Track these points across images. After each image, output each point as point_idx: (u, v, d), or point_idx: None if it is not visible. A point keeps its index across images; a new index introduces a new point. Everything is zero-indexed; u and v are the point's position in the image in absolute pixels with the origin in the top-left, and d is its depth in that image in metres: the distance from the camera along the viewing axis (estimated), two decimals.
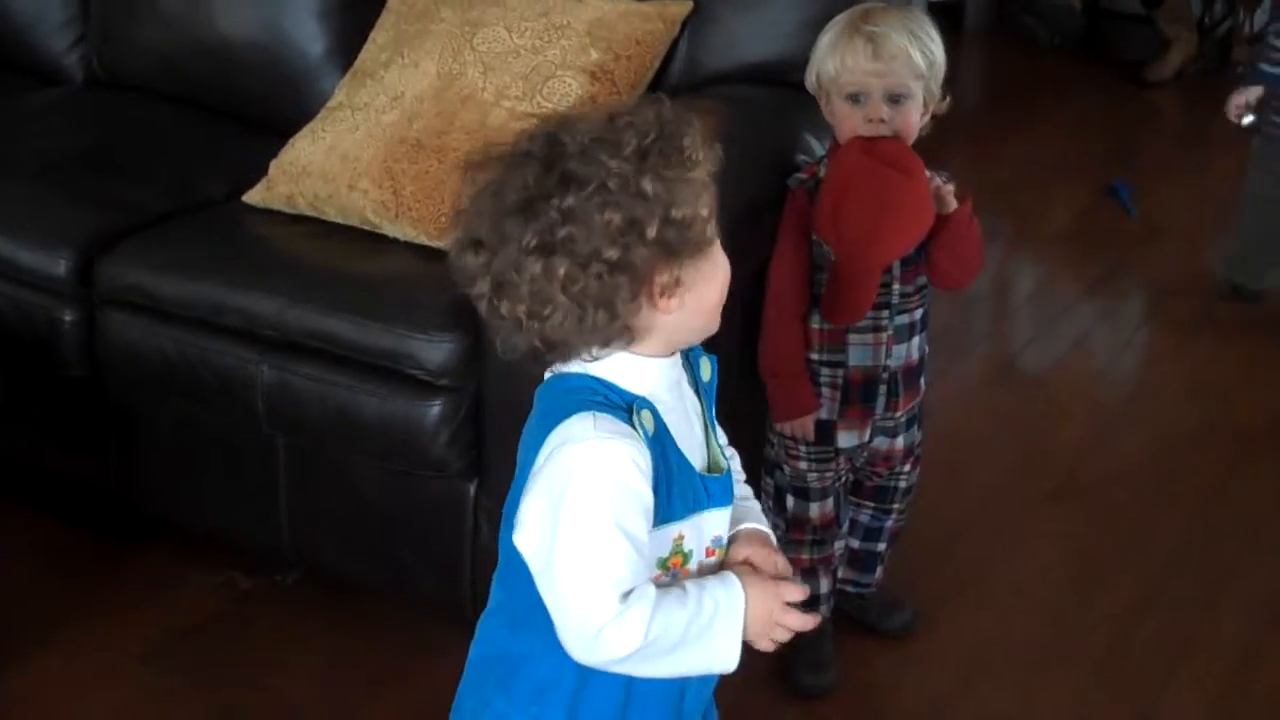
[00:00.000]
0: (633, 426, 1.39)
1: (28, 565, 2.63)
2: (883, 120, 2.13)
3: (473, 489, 2.31)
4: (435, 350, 2.22)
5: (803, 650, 2.34)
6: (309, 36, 2.91)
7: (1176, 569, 2.77)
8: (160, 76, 3.04)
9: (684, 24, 2.61)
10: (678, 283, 1.39)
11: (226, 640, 2.50)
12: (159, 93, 3.02)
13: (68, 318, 2.50)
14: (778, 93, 2.55)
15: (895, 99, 2.13)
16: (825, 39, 2.17)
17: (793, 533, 2.35)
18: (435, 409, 2.24)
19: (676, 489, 1.45)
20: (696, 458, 1.48)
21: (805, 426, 2.28)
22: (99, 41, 3.13)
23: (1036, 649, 2.56)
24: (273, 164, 2.62)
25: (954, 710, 2.43)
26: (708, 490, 1.48)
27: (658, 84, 2.61)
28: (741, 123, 2.49)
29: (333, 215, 2.54)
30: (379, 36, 2.71)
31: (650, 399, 1.43)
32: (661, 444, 1.43)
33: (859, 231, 2.11)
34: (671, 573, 1.47)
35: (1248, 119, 3.68)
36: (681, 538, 1.47)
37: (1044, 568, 2.77)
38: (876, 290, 2.18)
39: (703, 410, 1.51)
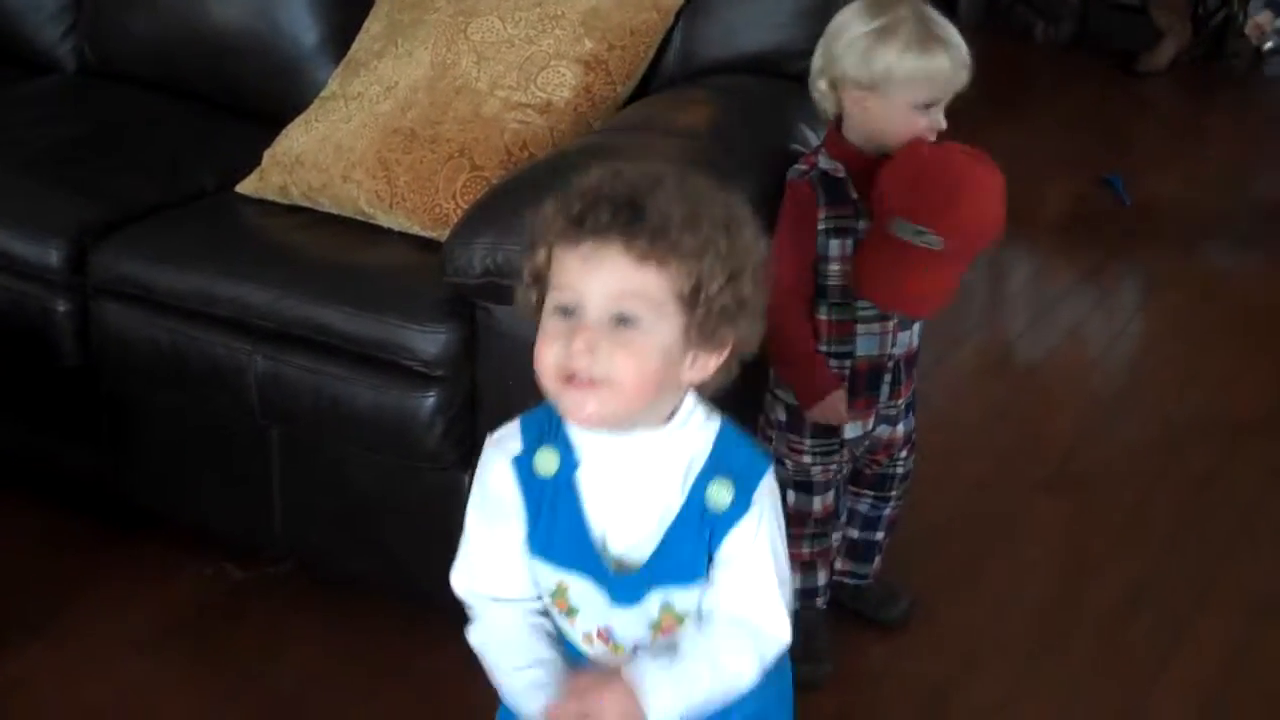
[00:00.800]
0: (532, 458, 1.48)
1: (20, 555, 2.62)
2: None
3: (467, 480, 2.30)
4: (430, 341, 2.22)
5: (799, 641, 2.34)
6: (302, 26, 2.90)
7: (1170, 559, 2.78)
8: (153, 66, 3.03)
9: (678, 14, 2.61)
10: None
11: (219, 631, 2.49)
12: (152, 82, 3.01)
13: (61, 308, 2.49)
14: (773, 83, 2.55)
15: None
16: (897, 43, 2.11)
17: (793, 527, 2.33)
18: (429, 400, 2.24)
19: (559, 536, 1.48)
20: (622, 534, 1.48)
21: (836, 407, 2.26)
22: (92, 31, 3.12)
23: (1030, 639, 2.56)
24: (266, 154, 2.61)
25: (948, 700, 2.43)
26: (599, 575, 1.48)
27: (652, 74, 2.61)
28: (737, 114, 2.49)
29: (326, 205, 2.53)
30: (373, 26, 2.71)
31: (576, 452, 1.47)
32: (559, 493, 1.47)
33: (955, 226, 2.10)
34: (560, 613, 1.53)
35: (1269, 44, 3.65)
36: (566, 589, 1.51)
37: (1038, 557, 2.78)
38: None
39: (675, 515, 1.47)
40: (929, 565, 2.69)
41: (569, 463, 1.47)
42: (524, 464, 1.48)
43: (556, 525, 1.48)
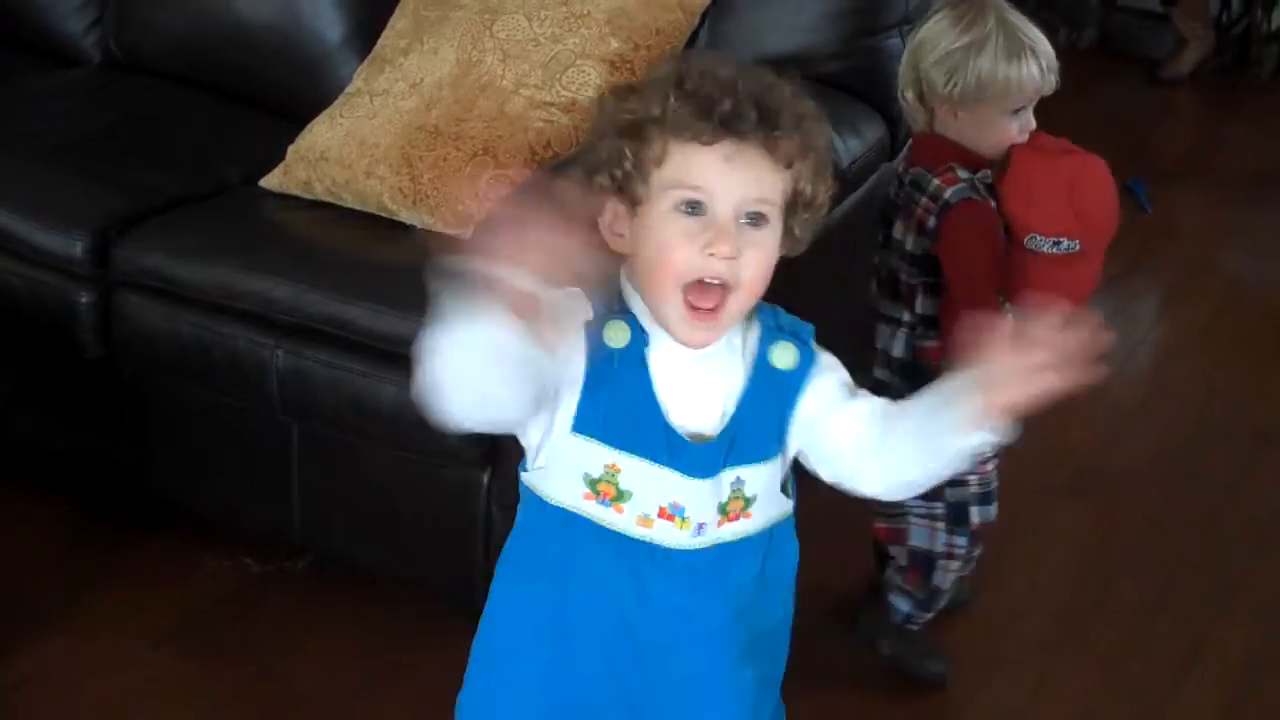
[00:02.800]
0: (601, 329, 1.41)
1: (39, 547, 2.63)
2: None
3: (485, 478, 2.31)
4: None
5: (921, 643, 2.43)
6: (328, 22, 2.90)
7: (1188, 569, 2.77)
8: (178, 59, 3.03)
9: (704, 15, 2.61)
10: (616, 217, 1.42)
11: (237, 625, 2.50)
12: (176, 76, 3.02)
13: (83, 299, 2.50)
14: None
15: None
16: (987, 56, 2.13)
17: (974, 546, 2.38)
18: None
19: (617, 414, 1.42)
20: (689, 417, 1.44)
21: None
22: (117, 24, 3.12)
23: (1050, 644, 2.56)
24: (290, 149, 2.61)
25: (964, 704, 2.43)
26: (671, 447, 1.43)
27: None
28: None
29: (350, 201, 2.53)
30: (398, 23, 2.71)
31: (648, 330, 1.42)
32: (627, 367, 1.42)
33: (1083, 225, 2.15)
34: (602, 501, 1.45)
35: None
36: (618, 470, 1.44)
37: (1056, 565, 2.77)
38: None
39: (744, 388, 1.45)
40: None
41: (640, 340, 1.43)
42: (593, 333, 1.41)
43: (617, 403, 1.42)
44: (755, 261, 1.39)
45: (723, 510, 1.47)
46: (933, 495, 2.29)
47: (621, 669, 1.53)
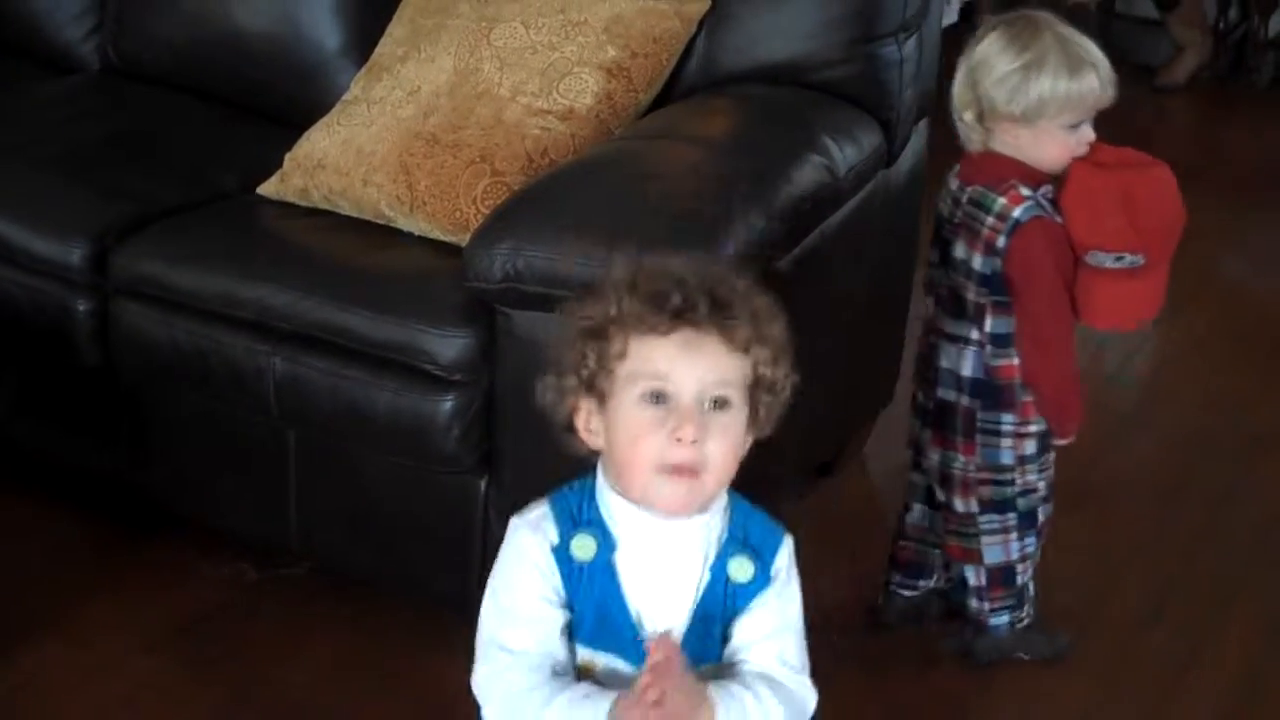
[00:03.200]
0: (568, 545, 1.47)
1: (36, 553, 2.63)
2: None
3: (483, 485, 2.31)
4: (448, 345, 2.22)
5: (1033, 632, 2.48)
6: (325, 30, 2.90)
7: (1188, 573, 2.77)
8: (176, 67, 3.03)
9: (701, 22, 2.61)
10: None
11: (234, 632, 2.50)
12: (174, 83, 3.02)
13: (81, 307, 2.50)
14: (795, 93, 2.54)
15: None
16: (1048, 74, 2.15)
17: (1040, 538, 2.44)
18: (447, 404, 2.24)
19: (590, 620, 1.49)
20: (660, 613, 1.49)
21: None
22: (115, 31, 3.12)
23: (1040, 657, 2.55)
24: (287, 156, 2.61)
25: (964, 713, 2.43)
26: (634, 653, 1.48)
27: (674, 82, 2.61)
28: (759, 123, 2.49)
29: (347, 209, 2.54)
30: (395, 30, 2.71)
31: (613, 536, 1.48)
32: (596, 578, 1.48)
33: (1145, 238, 2.18)
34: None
35: None
36: (593, 668, 1.51)
37: (1054, 572, 2.76)
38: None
39: (701, 592, 1.49)
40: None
41: (607, 546, 1.48)
42: (561, 553, 1.48)
43: (590, 608, 1.49)
44: (722, 444, 1.43)
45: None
46: (1005, 507, 2.35)
47: None
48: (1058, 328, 2.24)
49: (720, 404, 1.43)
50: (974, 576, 2.42)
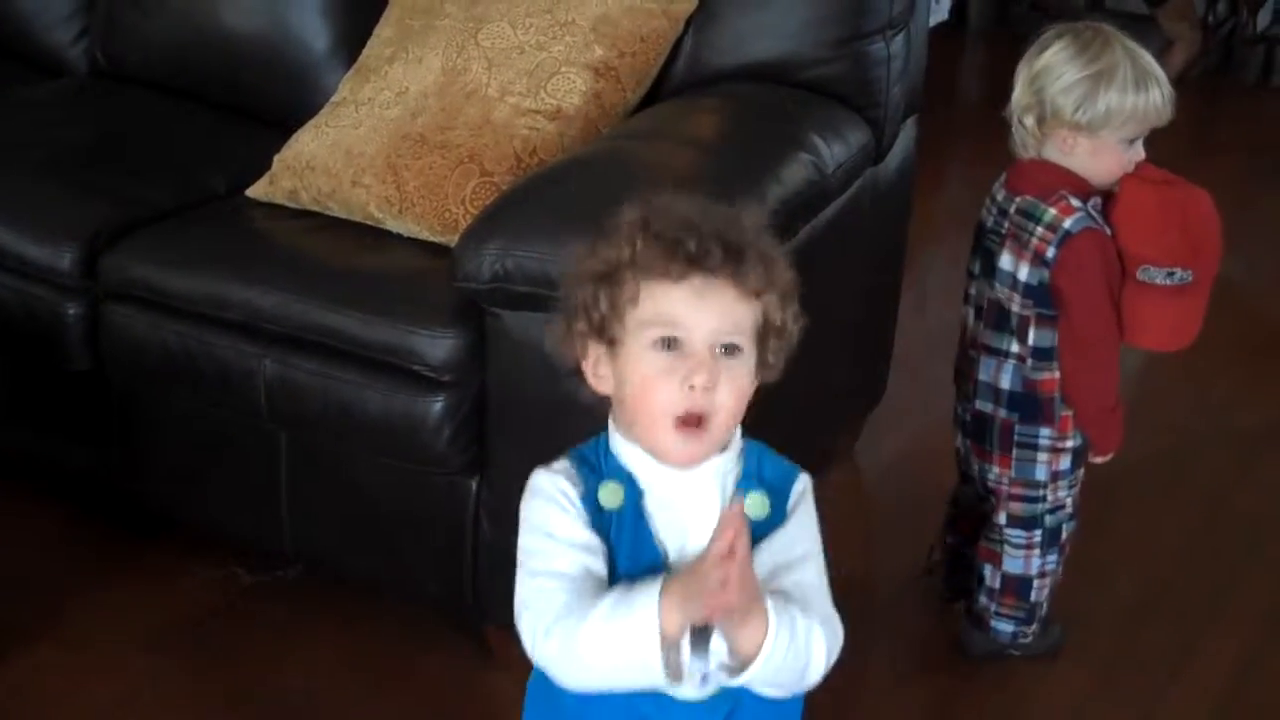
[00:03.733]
0: (598, 495, 1.46)
1: (29, 557, 2.63)
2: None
3: (474, 485, 2.31)
4: (438, 346, 2.22)
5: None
6: (313, 31, 2.90)
7: (1181, 570, 2.77)
8: (164, 70, 3.03)
9: (689, 21, 2.61)
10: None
11: (227, 634, 2.50)
12: (163, 86, 3.02)
13: (71, 311, 2.50)
14: (783, 92, 2.55)
15: None
16: (1116, 86, 2.17)
17: (1062, 555, 2.44)
18: (438, 405, 2.24)
19: (623, 567, 1.46)
20: (686, 558, 1.46)
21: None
22: (103, 34, 3.12)
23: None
24: (276, 158, 2.62)
25: (955, 707, 2.43)
26: None
27: (662, 81, 2.61)
28: (747, 122, 2.49)
29: (336, 210, 2.54)
30: (383, 32, 2.71)
31: (638, 482, 1.46)
32: (626, 526, 1.46)
33: (1196, 255, 2.19)
34: None
35: None
36: None
37: None
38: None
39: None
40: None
41: (634, 492, 1.47)
42: (589, 503, 1.47)
43: (622, 556, 1.46)
44: (732, 390, 1.42)
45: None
46: (1032, 524, 2.37)
47: None
48: (1104, 341, 2.23)
49: (731, 350, 1.42)
50: (990, 577, 2.43)
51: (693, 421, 1.42)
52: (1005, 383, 2.31)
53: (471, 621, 2.43)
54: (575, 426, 1.52)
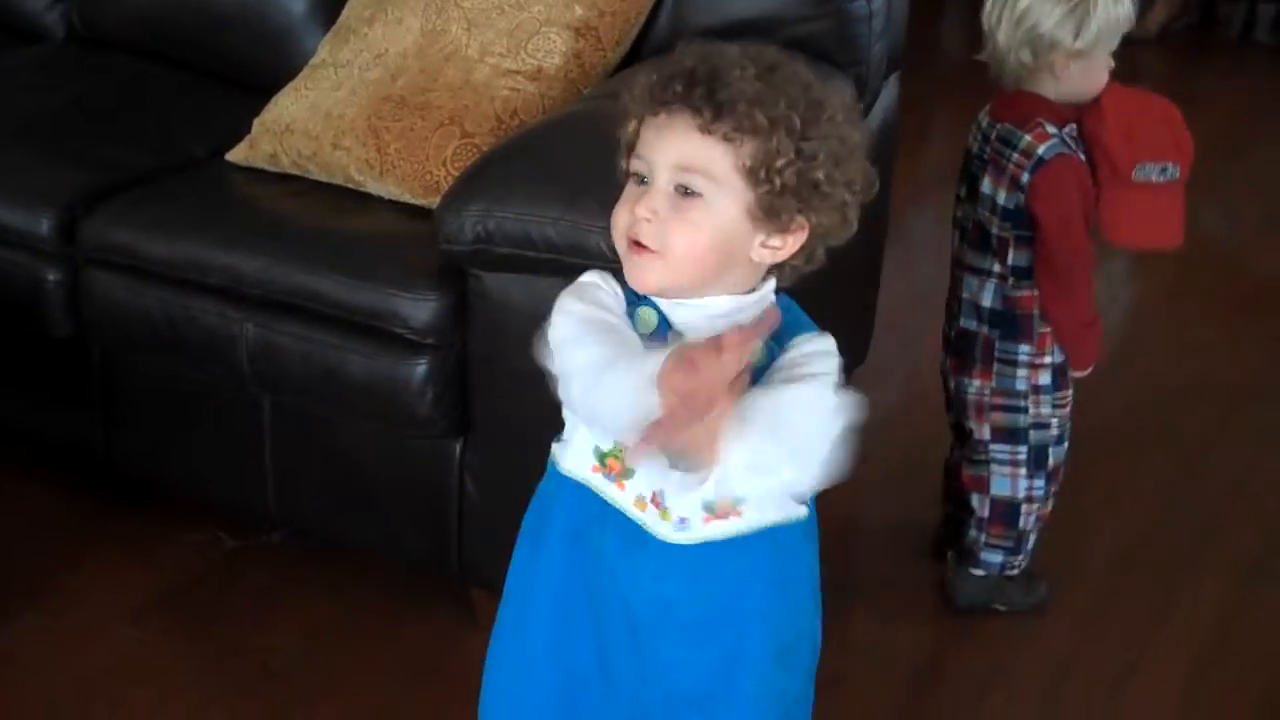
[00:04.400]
0: (634, 315, 1.47)
1: (13, 525, 2.62)
2: None
3: (458, 447, 2.31)
4: (420, 308, 2.22)
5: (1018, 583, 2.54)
6: None
7: (1162, 522, 2.79)
8: (141, 34, 3.01)
9: None
10: None
11: (212, 600, 2.50)
12: (140, 50, 2.99)
13: (51, 277, 2.48)
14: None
15: None
16: (1101, 4, 2.24)
17: (1052, 483, 2.48)
18: (420, 367, 2.23)
19: None
20: None
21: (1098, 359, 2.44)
22: None
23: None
24: (256, 122, 2.60)
25: (941, 660, 2.45)
26: None
27: (642, 40, 2.60)
28: None
29: (316, 173, 2.52)
30: None
31: (666, 314, 1.47)
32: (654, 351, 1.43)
33: (1180, 152, 2.31)
34: (608, 475, 1.51)
35: None
36: (625, 446, 1.47)
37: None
38: None
39: None
40: (924, 529, 2.69)
41: (665, 323, 1.47)
42: (631, 315, 1.48)
43: None
44: (684, 233, 1.42)
45: (709, 508, 1.49)
46: (1017, 438, 2.42)
47: (617, 646, 1.56)
48: (1078, 260, 2.31)
49: (686, 191, 1.42)
50: (979, 506, 2.48)
51: (642, 247, 1.43)
52: (986, 300, 2.38)
53: (456, 583, 2.44)
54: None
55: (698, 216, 1.42)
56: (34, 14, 3.15)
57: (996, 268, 2.36)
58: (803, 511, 1.54)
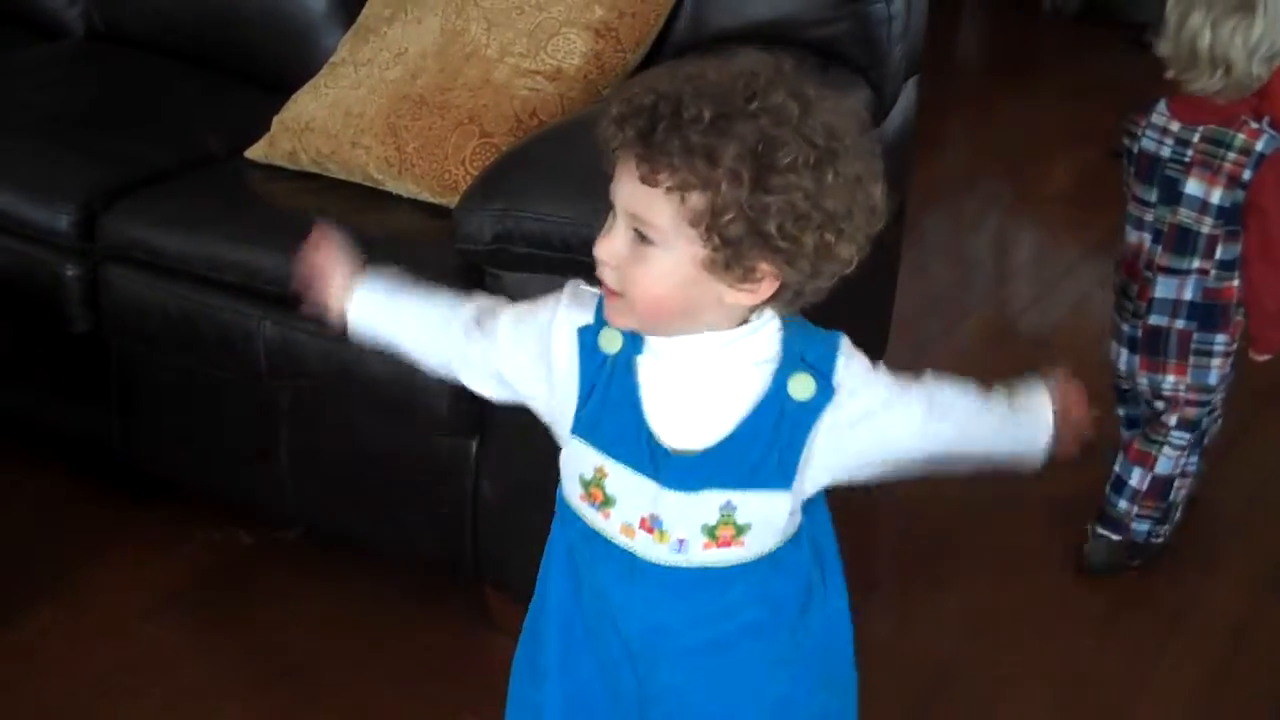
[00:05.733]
0: (598, 333, 1.46)
1: (29, 520, 2.63)
2: None
3: (474, 446, 2.31)
4: None
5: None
6: None
7: (1179, 528, 2.78)
8: (161, 31, 3.02)
9: None
10: None
11: (227, 596, 2.51)
12: (160, 47, 3.01)
13: (70, 273, 2.49)
14: (786, 52, 2.53)
15: None
16: None
17: (1203, 461, 2.66)
18: None
19: (607, 419, 1.45)
20: (678, 429, 1.44)
21: None
22: None
23: (1037, 607, 2.57)
24: (275, 120, 2.61)
25: (951, 678, 2.44)
26: (654, 457, 1.44)
27: (662, 41, 2.60)
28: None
29: (335, 171, 2.53)
30: None
31: (643, 340, 1.44)
32: (617, 373, 1.44)
33: None
34: (592, 504, 1.49)
35: None
36: (604, 475, 1.46)
37: (1041, 527, 2.78)
38: None
39: (749, 412, 1.42)
40: (932, 534, 2.69)
41: (633, 345, 1.44)
42: (589, 335, 1.45)
43: (607, 407, 1.44)
44: (641, 278, 1.36)
45: (710, 533, 1.46)
46: (1195, 427, 2.58)
47: (616, 669, 1.56)
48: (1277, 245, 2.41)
49: (642, 238, 1.36)
50: (1138, 480, 2.59)
51: (608, 289, 1.41)
52: (1187, 295, 2.47)
53: (471, 582, 2.44)
54: None
55: (652, 265, 1.35)
56: (54, 11, 3.16)
57: (1198, 264, 2.44)
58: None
